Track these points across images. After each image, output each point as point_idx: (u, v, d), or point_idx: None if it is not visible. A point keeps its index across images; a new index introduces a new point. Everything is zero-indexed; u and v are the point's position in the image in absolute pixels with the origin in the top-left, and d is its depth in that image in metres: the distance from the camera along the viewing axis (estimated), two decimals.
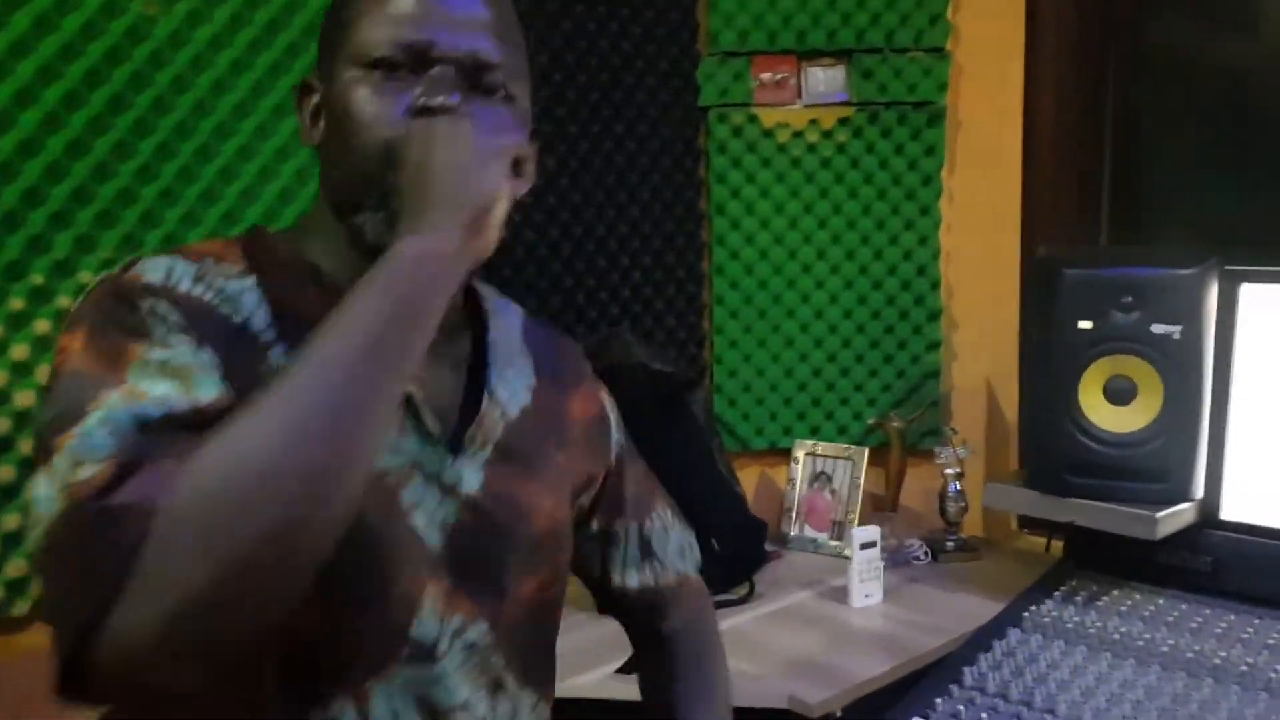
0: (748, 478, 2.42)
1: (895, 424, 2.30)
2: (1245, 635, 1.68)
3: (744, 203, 2.34)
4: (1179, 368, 1.77)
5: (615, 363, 2.12)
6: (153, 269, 0.89)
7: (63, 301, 1.68)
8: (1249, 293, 1.82)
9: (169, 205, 1.76)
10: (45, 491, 0.76)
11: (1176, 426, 1.79)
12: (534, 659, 1.07)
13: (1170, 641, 1.68)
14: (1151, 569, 1.88)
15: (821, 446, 2.33)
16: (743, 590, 2.04)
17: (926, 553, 2.21)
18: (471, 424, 1.00)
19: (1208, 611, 1.78)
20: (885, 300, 2.37)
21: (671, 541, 1.28)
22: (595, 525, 1.21)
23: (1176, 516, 1.80)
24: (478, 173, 0.87)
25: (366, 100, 0.93)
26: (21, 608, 1.67)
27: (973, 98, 2.36)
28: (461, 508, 0.97)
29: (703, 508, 2.06)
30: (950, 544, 2.24)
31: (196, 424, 0.79)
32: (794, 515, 2.32)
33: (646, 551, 1.25)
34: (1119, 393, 1.81)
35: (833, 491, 2.30)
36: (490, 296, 1.13)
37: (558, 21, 2.11)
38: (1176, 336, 1.76)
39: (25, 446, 1.66)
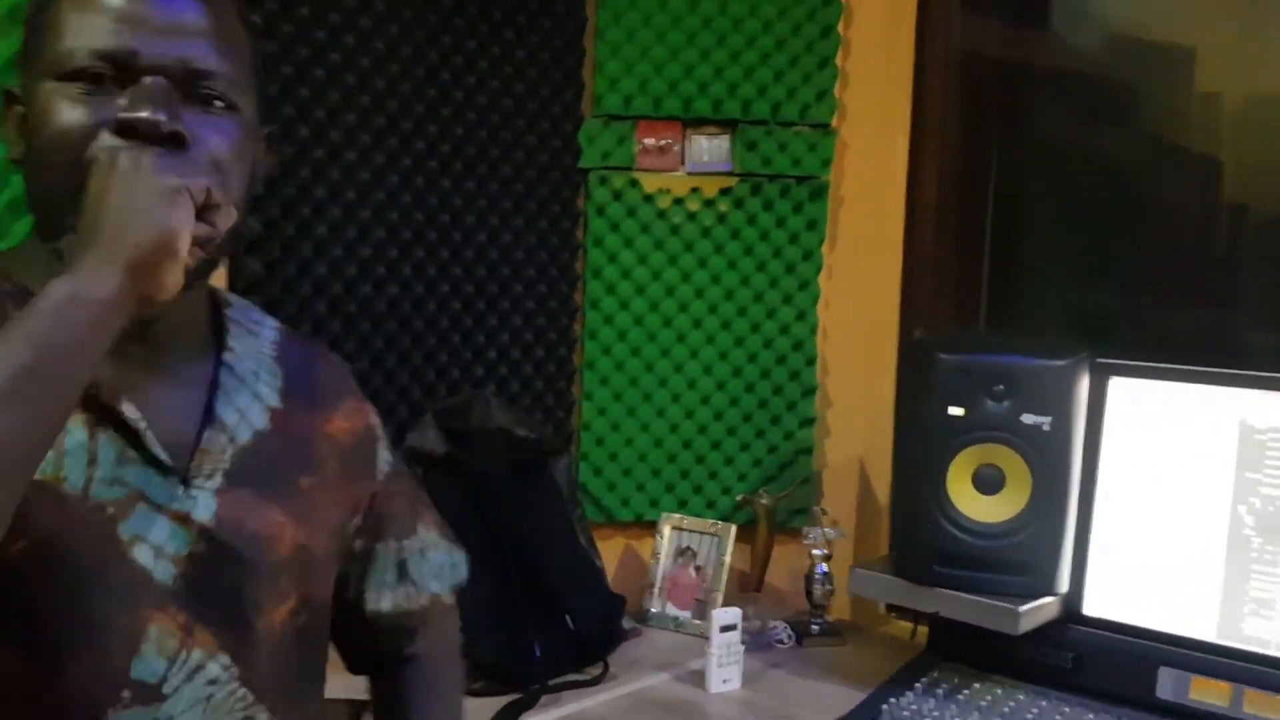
0: (611, 549, 2.31)
1: (764, 501, 2.23)
2: None
3: (621, 267, 2.26)
4: (1047, 459, 1.73)
5: (475, 426, 2.02)
6: None
7: None
8: (1118, 386, 1.80)
9: None
10: None
11: (1042, 519, 1.74)
12: (292, 693, 1.02)
13: None
14: (1014, 663, 1.84)
15: (688, 521, 2.24)
16: (596, 671, 1.92)
17: (790, 636, 2.12)
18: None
19: (1067, 709, 1.73)
20: (760, 374, 2.30)
21: (429, 563, 1.22)
22: (357, 546, 1.15)
23: (1039, 611, 1.75)
24: (149, 215, 0.81)
25: (64, 115, 0.87)
26: None
27: (857, 174, 2.32)
28: (196, 538, 0.93)
29: (559, 582, 1.97)
30: (815, 628, 2.15)
31: None
32: (656, 591, 2.22)
33: (402, 573, 1.19)
34: (987, 482, 1.77)
35: (698, 568, 2.20)
36: (240, 316, 1.08)
37: (438, 70, 2.01)
38: (1046, 428, 1.72)
39: None
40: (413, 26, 1.98)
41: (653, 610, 2.22)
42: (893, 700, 1.75)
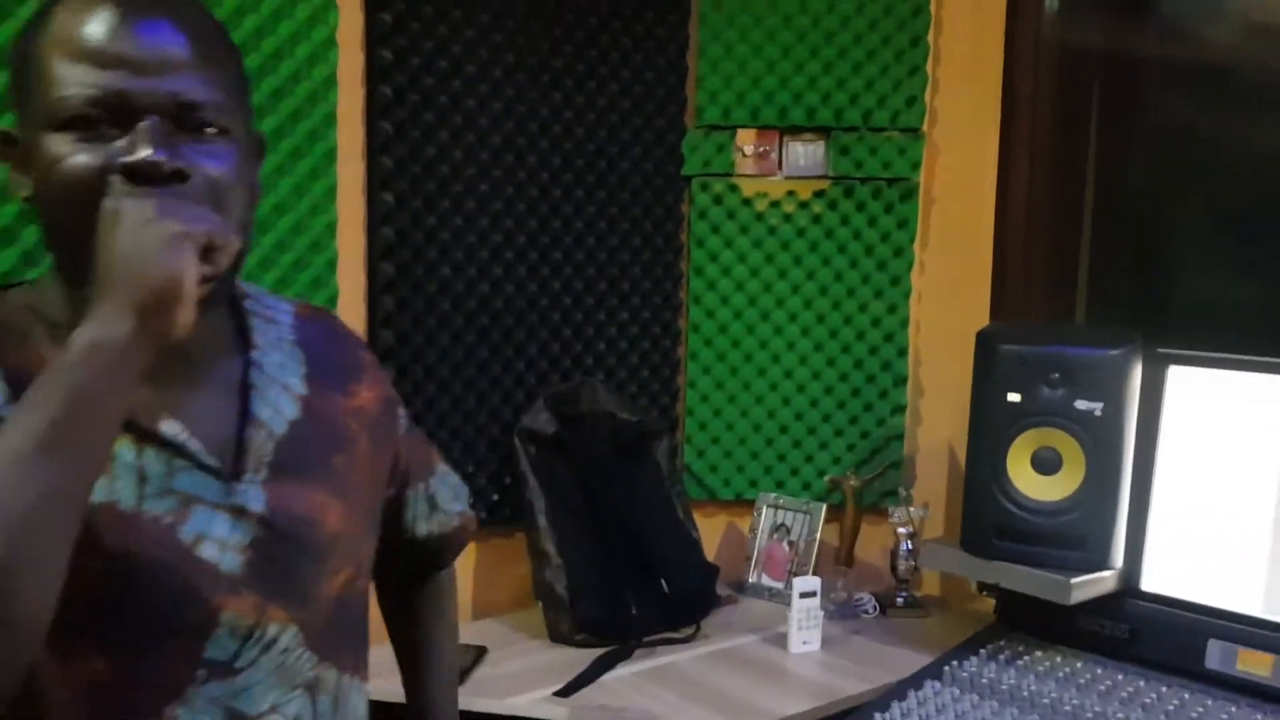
0: (714, 526, 2.50)
1: (851, 482, 2.38)
2: (1147, 700, 1.74)
3: (721, 266, 2.44)
4: (1099, 443, 1.84)
5: (584, 410, 2.23)
6: None
7: None
8: (1176, 374, 1.89)
9: None
10: None
11: (1096, 498, 1.85)
12: (348, 645, 1.11)
13: (1075, 701, 1.74)
14: (1075, 634, 1.94)
15: (783, 500, 2.41)
16: (689, 631, 2.12)
17: (875, 607, 2.28)
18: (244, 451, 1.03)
19: (1120, 677, 1.83)
20: (853, 364, 2.45)
21: (448, 487, 1.37)
22: (391, 494, 1.27)
23: (1093, 584, 1.86)
24: (157, 262, 0.84)
25: (68, 165, 0.90)
26: None
27: (947, 175, 2.44)
28: (255, 527, 1.00)
29: (656, 550, 2.17)
30: (900, 600, 2.30)
31: None
32: (753, 563, 2.40)
33: (432, 506, 1.33)
34: (1045, 463, 1.89)
35: (790, 543, 2.37)
36: (258, 307, 1.13)
37: (551, 90, 2.24)
38: (1098, 413, 1.83)
39: None
40: (526, 54, 2.20)
41: (749, 581, 2.40)
42: (955, 663, 1.89)
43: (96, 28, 0.91)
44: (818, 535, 2.35)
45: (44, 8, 0.95)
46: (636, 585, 2.10)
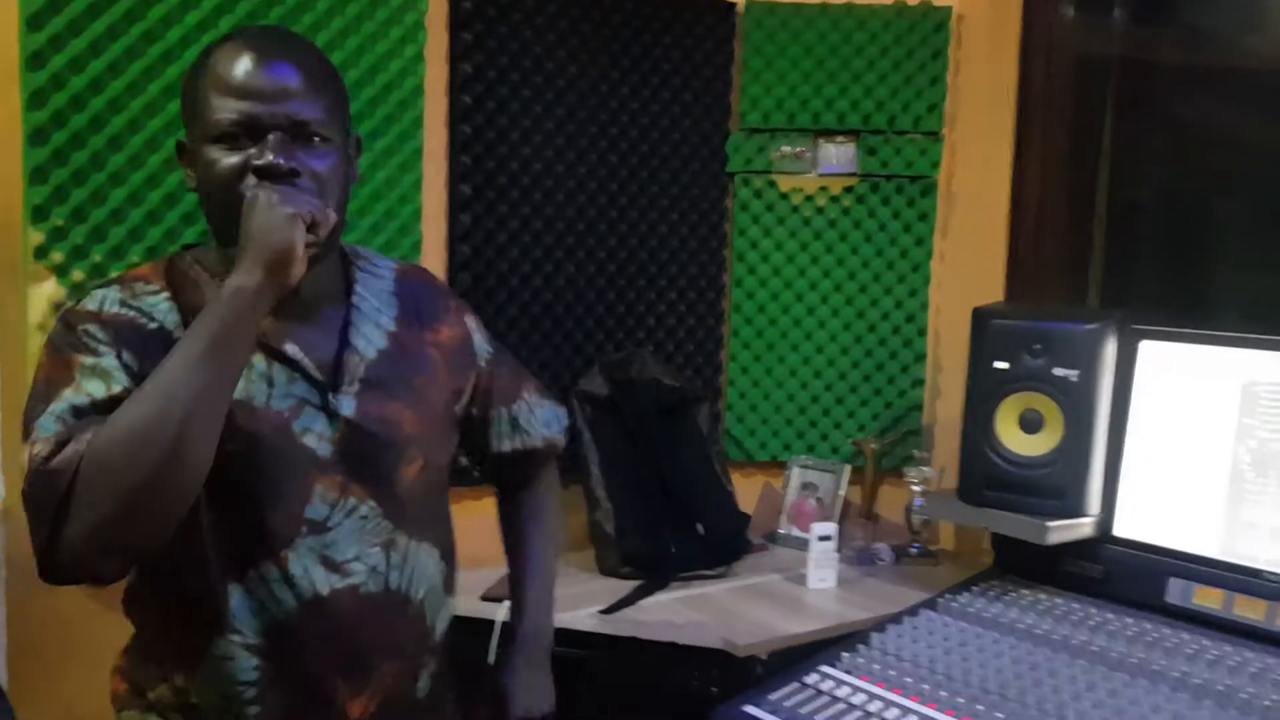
0: (753, 484, 2.78)
1: (872, 445, 2.64)
2: (1113, 629, 1.97)
3: (761, 253, 2.72)
4: (1075, 405, 2.07)
5: (634, 376, 2.52)
6: (91, 300, 1.28)
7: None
8: (1147, 348, 2.11)
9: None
10: (24, 459, 1.17)
11: (1073, 453, 2.08)
12: (424, 520, 1.43)
13: (1045, 626, 1.98)
14: (1059, 576, 2.16)
15: (811, 461, 2.68)
16: (720, 570, 2.40)
17: (890, 555, 2.53)
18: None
19: (1093, 610, 2.05)
20: (878, 341, 2.71)
21: (538, 415, 1.66)
22: (475, 413, 1.58)
23: (1069, 529, 2.08)
24: (279, 233, 1.19)
25: (219, 166, 1.26)
26: None
27: (965, 173, 2.68)
28: (344, 426, 1.34)
29: (694, 499, 2.45)
30: (914, 550, 2.55)
31: (111, 408, 1.16)
32: (784, 517, 2.68)
33: (515, 426, 1.63)
34: (1029, 423, 2.12)
35: (818, 499, 2.64)
36: (365, 265, 1.48)
37: (609, 97, 2.54)
38: (1074, 379, 2.07)
39: None
40: (588, 66, 2.51)
41: (780, 532, 2.67)
42: (948, 596, 2.14)
43: (237, 69, 1.27)
44: (842, 493, 2.61)
45: (203, 54, 1.32)
46: (675, 527, 2.39)
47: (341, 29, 2.17)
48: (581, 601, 2.17)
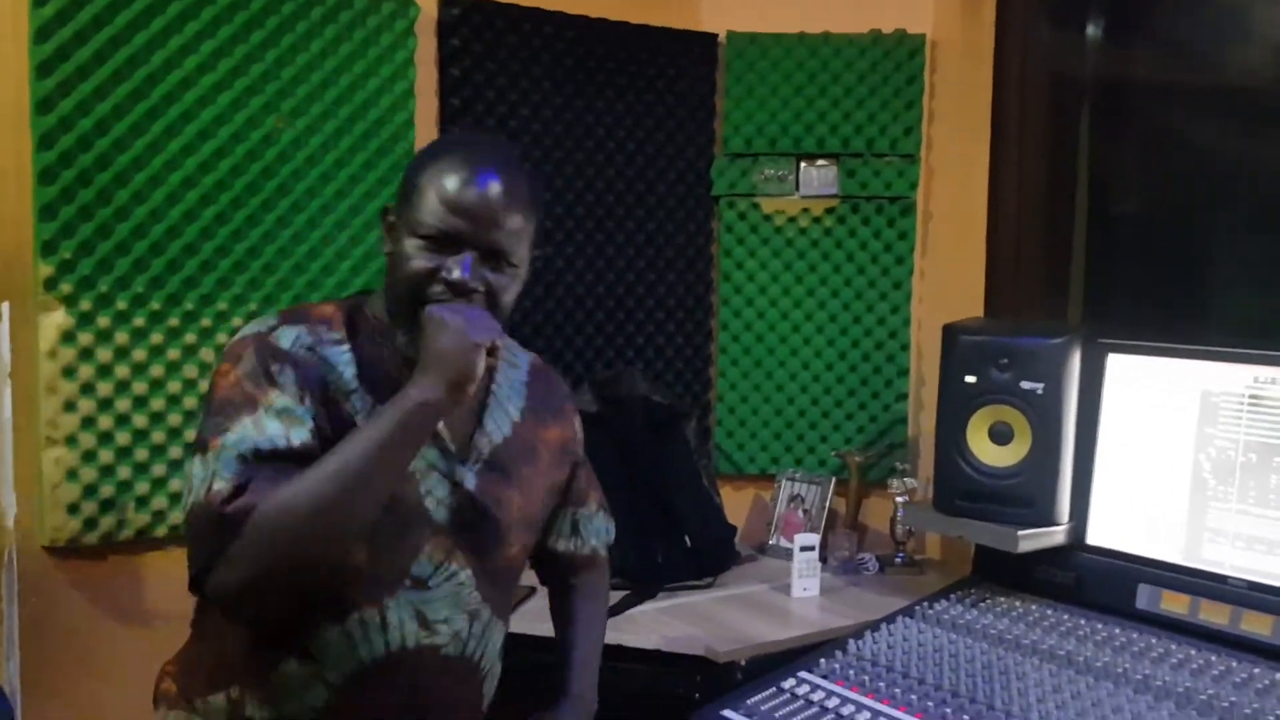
0: (743, 497, 2.82)
1: (856, 458, 2.68)
2: (1082, 634, 1.99)
3: (746, 273, 2.77)
4: (1042, 417, 2.10)
5: (623, 393, 2.57)
6: (283, 337, 1.33)
7: (205, 322, 2.19)
8: (1115, 361, 2.15)
9: (272, 273, 2.27)
10: (199, 474, 1.25)
11: (1041, 463, 2.11)
12: (504, 599, 1.53)
13: (1017, 631, 2.00)
14: (1031, 582, 2.18)
15: (798, 474, 2.72)
16: (707, 580, 2.44)
17: (875, 565, 2.57)
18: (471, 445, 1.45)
19: (1065, 616, 2.07)
20: (861, 357, 2.75)
21: (594, 525, 1.75)
22: (555, 506, 1.65)
23: (1039, 537, 2.11)
24: (465, 357, 1.27)
25: (413, 261, 1.33)
26: (161, 530, 2.18)
27: (943, 193, 2.73)
28: (461, 496, 1.42)
29: (682, 512, 2.49)
30: (898, 560, 2.59)
31: (289, 457, 1.25)
32: (772, 528, 2.72)
33: (574, 529, 1.72)
34: (999, 434, 2.15)
35: (805, 511, 2.68)
36: (507, 355, 1.56)
37: (595, 123, 2.60)
38: (1040, 392, 2.10)
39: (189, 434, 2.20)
40: (576, 96, 2.57)
41: (770, 543, 2.71)
42: (926, 603, 2.17)
43: (456, 182, 1.32)
44: (828, 504, 2.65)
45: (435, 147, 1.39)
46: (663, 539, 2.43)
47: (335, 67, 2.24)
48: None
